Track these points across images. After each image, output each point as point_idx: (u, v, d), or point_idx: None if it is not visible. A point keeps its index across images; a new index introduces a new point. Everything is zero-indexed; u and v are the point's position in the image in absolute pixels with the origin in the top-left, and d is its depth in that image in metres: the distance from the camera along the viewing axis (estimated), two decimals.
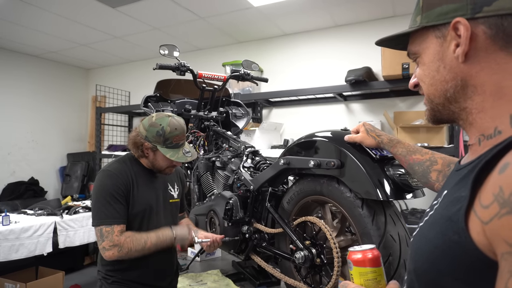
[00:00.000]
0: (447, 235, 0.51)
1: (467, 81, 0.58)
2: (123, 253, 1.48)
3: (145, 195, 1.61)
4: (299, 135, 1.63)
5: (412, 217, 2.87)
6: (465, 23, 0.55)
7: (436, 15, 0.60)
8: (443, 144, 2.78)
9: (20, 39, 4.30)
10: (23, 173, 4.86)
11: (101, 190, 1.52)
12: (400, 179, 1.23)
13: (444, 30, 0.60)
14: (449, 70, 0.60)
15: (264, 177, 1.68)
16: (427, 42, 0.63)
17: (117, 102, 5.18)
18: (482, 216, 0.47)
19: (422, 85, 0.66)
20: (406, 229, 1.31)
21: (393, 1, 3.23)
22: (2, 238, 2.66)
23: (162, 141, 1.55)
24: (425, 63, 0.64)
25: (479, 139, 0.58)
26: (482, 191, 0.49)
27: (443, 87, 0.61)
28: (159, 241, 1.55)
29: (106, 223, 1.49)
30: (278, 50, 4.14)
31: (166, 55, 2.16)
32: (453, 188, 0.56)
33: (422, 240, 0.59)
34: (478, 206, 0.48)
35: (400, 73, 2.89)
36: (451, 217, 0.52)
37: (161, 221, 1.65)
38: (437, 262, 0.53)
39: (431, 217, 0.59)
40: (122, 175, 1.56)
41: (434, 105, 0.64)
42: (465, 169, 0.57)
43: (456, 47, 0.58)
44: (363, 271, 0.73)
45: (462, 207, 0.50)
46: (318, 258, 1.43)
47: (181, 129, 1.59)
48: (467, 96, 0.59)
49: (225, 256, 2.62)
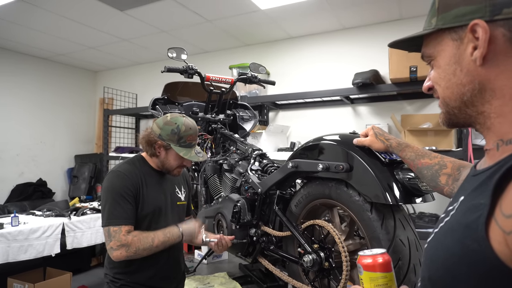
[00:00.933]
0: (465, 243, 0.50)
1: (485, 85, 0.57)
2: (131, 253, 1.48)
3: (154, 197, 1.62)
4: (305, 138, 1.63)
5: (420, 221, 2.85)
6: (484, 25, 0.54)
7: (453, 17, 0.58)
8: (451, 147, 2.76)
9: (29, 41, 4.36)
10: (32, 174, 4.91)
11: (110, 190, 1.54)
12: (409, 183, 1.22)
13: (461, 32, 0.58)
14: (466, 73, 0.58)
15: (272, 180, 1.68)
16: (443, 45, 0.61)
17: (125, 104, 5.22)
18: (504, 225, 0.46)
19: (438, 88, 0.64)
20: (415, 233, 1.30)
21: (400, 4, 3.23)
22: (11, 239, 2.68)
23: (176, 140, 1.57)
24: (441, 66, 0.62)
25: (498, 144, 0.57)
26: (504, 199, 0.47)
27: (459, 91, 0.60)
28: (166, 239, 1.55)
29: (114, 223, 1.49)
30: (284, 53, 4.15)
31: (174, 58, 2.17)
32: (470, 195, 0.55)
33: (438, 247, 0.57)
34: (499, 215, 0.47)
35: (407, 76, 2.88)
36: (469, 224, 0.51)
37: (169, 223, 1.65)
38: (453, 269, 0.52)
39: (447, 224, 0.58)
40: (131, 176, 1.57)
41: (450, 109, 0.63)
42: (483, 174, 0.55)
43: (474, 49, 0.56)
44: (374, 276, 0.71)
45: (482, 215, 0.49)
46: (327, 262, 1.43)
47: (194, 129, 1.62)
48: (485, 100, 0.57)
49: (232, 258, 2.62)
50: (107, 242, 1.51)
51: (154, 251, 1.53)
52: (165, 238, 1.54)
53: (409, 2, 3.17)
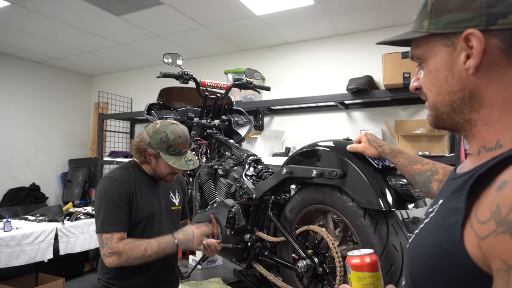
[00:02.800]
0: (443, 245, 0.52)
1: (475, 94, 0.57)
2: (122, 260, 1.47)
3: (148, 202, 1.62)
4: (300, 143, 1.64)
5: (414, 226, 2.87)
6: (479, 35, 0.53)
7: (446, 23, 0.57)
8: (444, 153, 2.78)
9: (24, 45, 4.35)
10: (25, 179, 4.87)
11: (103, 196, 1.53)
12: (402, 189, 1.24)
13: (454, 39, 0.57)
14: (458, 81, 0.58)
15: (267, 185, 1.69)
16: (434, 49, 0.61)
17: (119, 109, 5.20)
18: (478, 231, 0.47)
19: (428, 94, 0.65)
20: (408, 238, 1.32)
21: (394, 11, 3.27)
22: (3, 245, 2.65)
23: (165, 148, 1.56)
24: (432, 70, 0.62)
25: (479, 150, 0.58)
26: (479, 205, 0.49)
27: (450, 98, 0.60)
28: (160, 249, 1.53)
29: (107, 230, 1.49)
30: (280, 59, 4.18)
31: (169, 63, 2.18)
32: (448, 198, 0.56)
33: (418, 248, 0.59)
34: (474, 221, 0.49)
35: (401, 82, 2.91)
36: (447, 228, 0.52)
37: (163, 228, 1.65)
38: (432, 270, 0.54)
39: (426, 225, 0.59)
40: (125, 182, 1.57)
41: (439, 113, 0.63)
42: (461, 178, 0.57)
43: (467, 58, 0.56)
44: (361, 275, 0.74)
45: (459, 220, 0.50)
46: (321, 267, 1.44)
47: (184, 137, 1.60)
48: (473, 108, 0.58)
49: (227, 264, 2.62)
50: (100, 249, 1.51)
51: (146, 261, 1.51)
52: (158, 249, 1.52)
53: (403, 9, 3.21)
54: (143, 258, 1.50)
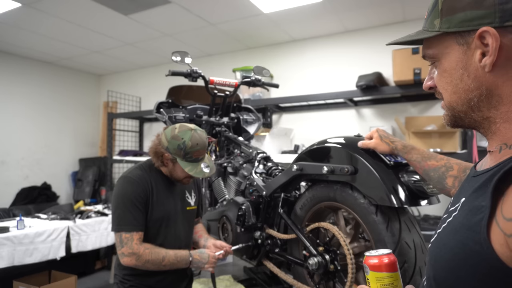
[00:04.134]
0: (468, 244, 0.51)
1: (492, 91, 0.57)
2: (140, 263, 1.51)
3: (164, 203, 1.63)
4: (309, 140, 1.63)
5: (425, 223, 2.84)
6: (494, 33, 0.53)
7: (459, 21, 0.57)
8: (456, 149, 2.75)
9: (33, 46, 4.39)
10: (36, 178, 4.93)
11: (121, 196, 1.55)
12: (415, 185, 1.22)
13: (468, 37, 0.57)
14: (474, 79, 0.58)
15: (277, 183, 1.68)
16: (448, 48, 0.60)
17: (128, 108, 5.24)
18: (505, 228, 0.47)
19: (444, 93, 0.64)
20: (421, 236, 1.30)
21: (404, 6, 3.23)
22: (17, 242, 2.69)
23: (182, 155, 1.55)
24: (446, 69, 0.62)
25: (501, 147, 0.57)
26: (505, 202, 0.48)
27: (467, 96, 0.59)
28: (176, 262, 1.57)
29: (126, 229, 1.52)
30: (288, 56, 4.16)
31: (178, 61, 2.18)
32: (471, 196, 0.56)
33: (442, 248, 0.58)
34: (500, 218, 0.48)
35: (411, 78, 2.88)
36: (472, 227, 0.52)
37: (178, 229, 1.67)
38: (457, 270, 0.53)
39: (449, 224, 0.58)
40: (142, 182, 1.58)
41: (456, 112, 0.63)
42: (483, 176, 0.56)
43: (482, 56, 0.56)
44: (380, 276, 0.73)
45: (484, 218, 0.50)
46: (332, 265, 1.43)
47: (202, 144, 1.58)
48: (491, 105, 0.58)
49: (237, 261, 2.62)
50: (118, 248, 1.54)
51: (160, 269, 1.56)
52: (174, 261, 1.57)
53: (412, 4, 3.17)
54: (159, 266, 1.54)
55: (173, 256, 1.56)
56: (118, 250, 1.54)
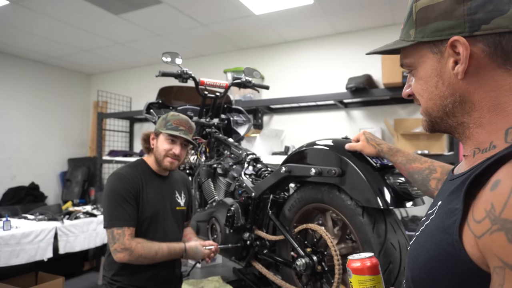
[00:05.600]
0: (442, 246, 0.53)
1: (465, 97, 0.59)
2: (133, 257, 1.51)
3: (154, 200, 1.65)
4: (299, 141, 1.65)
5: (413, 224, 2.88)
6: (464, 42, 0.55)
7: (432, 31, 0.59)
8: (443, 151, 2.79)
9: (23, 44, 4.34)
10: (24, 178, 4.86)
11: (112, 192, 1.56)
12: (400, 187, 1.24)
13: (441, 46, 0.59)
14: (448, 86, 0.60)
15: (266, 184, 1.69)
16: (423, 57, 0.63)
17: (119, 108, 5.20)
18: (475, 230, 0.49)
19: (420, 99, 0.67)
20: (406, 237, 1.32)
21: (393, 10, 3.27)
22: (2, 243, 2.65)
23: (164, 124, 1.64)
24: (422, 77, 0.64)
25: (474, 152, 0.60)
26: (475, 205, 0.50)
27: (442, 103, 0.62)
28: (170, 255, 1.60)
29: (117, 224, 1.53)
30: (279, 57, 4.17)
31: (168, 62, 2.17)
32: (447, 199, 0.58)
33: (419, 250, 0.60)
34: (471, 220, 0.50)
35: (400, 80, 2.92)
36: (446, 229, 0.54)
37: (167, 227, 1.68)
38: (433, 271, 0.55)
39: (427, 227, 0.61)
40: (132, 179, 1.60)
41: (432, 118, 0.65)
42: (458, 179, 0.58)
43: (455, 64, 0.58)
44: (362, 279, 0.74)
45: (457, 220, 0.52)
46: (319, 266, 1.44)
47: (184, 118, 1.68)
48: (465, 111, 0.60)
49: (226, 262, 2.62)
50: (110, 244, 1.54)
51: (154, 262, 1.58)
52: (168, 254, 1.59)
53: (401, 7, 3.21)
54: (153, 259, 1.56)
55: (167, 250, 1.58)
56: (111, 247, 1.54)
